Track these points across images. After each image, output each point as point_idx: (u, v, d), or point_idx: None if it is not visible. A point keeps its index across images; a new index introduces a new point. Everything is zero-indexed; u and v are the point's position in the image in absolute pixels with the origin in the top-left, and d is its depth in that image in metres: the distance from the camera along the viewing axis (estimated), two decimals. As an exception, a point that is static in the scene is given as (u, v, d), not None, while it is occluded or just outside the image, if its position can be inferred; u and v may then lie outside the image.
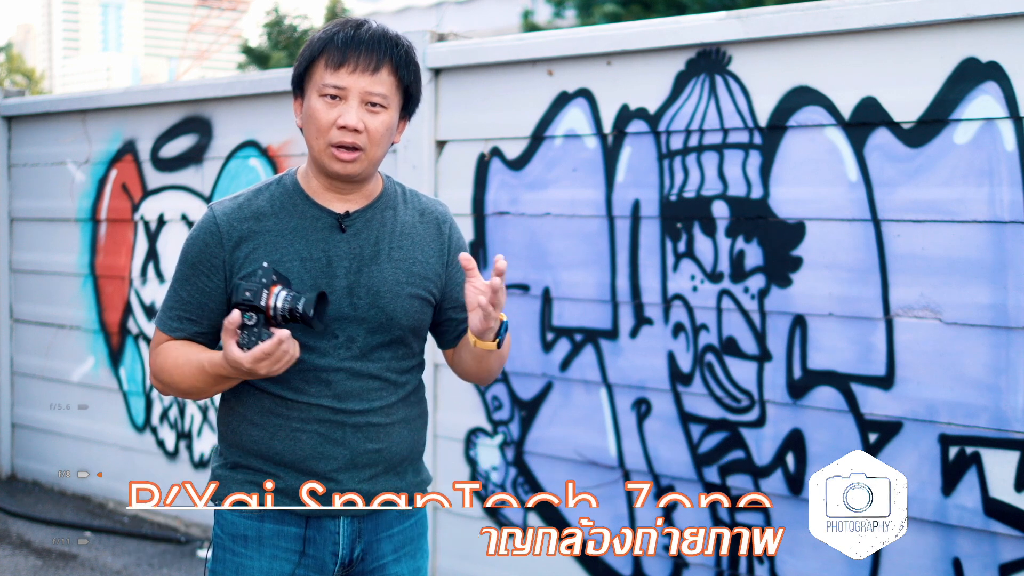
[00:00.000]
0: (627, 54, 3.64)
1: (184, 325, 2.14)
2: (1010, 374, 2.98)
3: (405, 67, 2.10)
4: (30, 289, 5.93)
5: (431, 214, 2.23)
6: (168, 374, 2.14)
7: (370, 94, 2.06)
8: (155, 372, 2.18)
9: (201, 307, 2.13)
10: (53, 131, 5.77)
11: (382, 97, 2.07)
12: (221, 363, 2.03)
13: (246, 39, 22.04)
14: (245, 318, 1.96)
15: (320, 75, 2.07)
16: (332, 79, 2.05)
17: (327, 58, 2.06)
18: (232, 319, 1.96)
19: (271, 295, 1.96)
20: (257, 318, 1.97)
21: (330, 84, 2.05)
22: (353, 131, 2.05)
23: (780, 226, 3.34)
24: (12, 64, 36.19)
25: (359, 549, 2.17)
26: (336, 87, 2.05)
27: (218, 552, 2.17)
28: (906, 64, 3.11)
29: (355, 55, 2.05)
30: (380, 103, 2.07)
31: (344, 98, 2.06)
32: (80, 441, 5.68)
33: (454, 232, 2.25)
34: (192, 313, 2.13)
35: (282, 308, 1.96)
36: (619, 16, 12.51)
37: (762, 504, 3.40)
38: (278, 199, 2.14)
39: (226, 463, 2.18)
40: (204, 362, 2.08)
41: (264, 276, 1.98)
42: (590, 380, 3.77)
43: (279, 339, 1.96)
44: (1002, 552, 3.03)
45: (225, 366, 2.02)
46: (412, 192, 2.26)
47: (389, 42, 2.08)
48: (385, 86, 2.07)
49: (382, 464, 2.15)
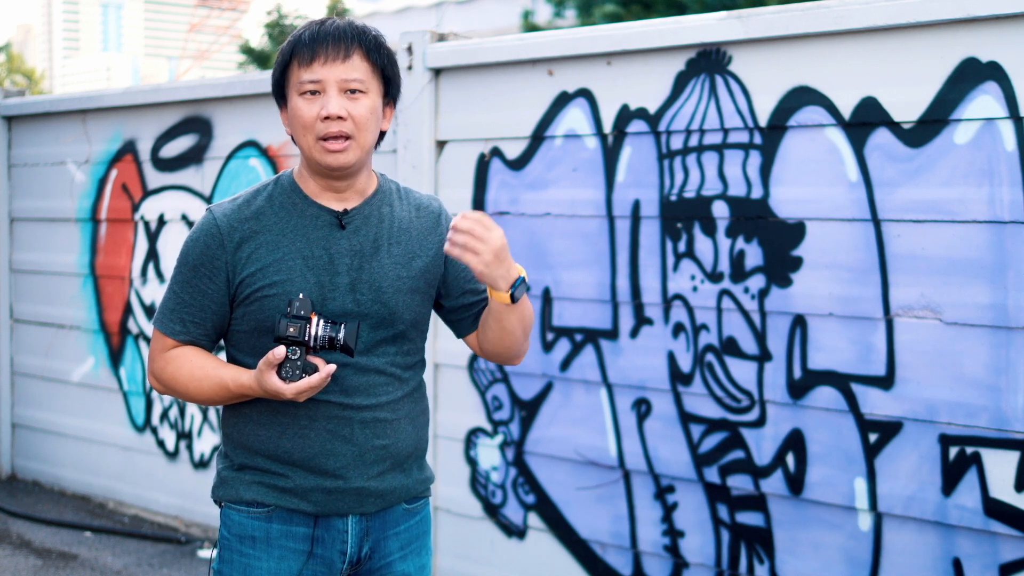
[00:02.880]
0: (627, 54, 3.64)
1: (187, 327, 2.15)
2: (1010, 374, 2.98)
3: (376, 51, 2.12)
4: (30, 289, 5.93)
5: (427, 208, 2.26)
6: (181, 384, 2.15)
7: (347, 81, 2.08)
8: (162, 379, 2.18)
9: (204, 309, 2.13)
10: (53, 131, 5.77)
11: (359, 82, 2.09)
12: (251, 385, 2.07)
13: (246, 39, 22.04)
14: (289, 352, 2.00)
15: (296, 75, 2.10)
16: (307, 75, 2.08)
17: (299, 58, 2.09)
18: (278, 355, 1.99)
19: (311, 326, 2.00)
20: (300, 351, 2.00)
21: (306, 80, 2.08)
22: (338, 119, 2.07)
23: (780, 226, 3.34)
24: (12, 64, 36.20)
25: (367, 547, 2.18)
26: (312, 81, 2.08)
27: (225, 553, 2.17)
28: (906, 64, 3.11)
29: (323, 47, 2.07)
30: (359, 88, 2.09)
31: (323, 91, 2.08)
32: (80, 441, 5.68)
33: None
34: (195, 316, 2.14)
35: (321, 338, 2.00)
36: (619, 16, 12.51)
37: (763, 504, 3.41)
38: (277, 199, 2.15)
39: (232, 464, 2.18)
40: (227, 380, 2.10)
41: (303, 308, 2.01)
42: (590, 380, 3.77)
43: (328, 374, 2.01)
44: (1002, 552, 3.03)
45: (256, 389, 2.06)
46: (406, 189, 2.28)
47: (355, 30, 2.11)
48: (360, 71, 2.09)
49: (389, 460, 2.16)
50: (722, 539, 3.51)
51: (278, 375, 2.01)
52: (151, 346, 2.22)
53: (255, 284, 2.09)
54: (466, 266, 2.20)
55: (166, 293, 2.19)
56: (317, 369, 2.01)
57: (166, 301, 2.18)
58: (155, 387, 2.22)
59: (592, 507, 3.79)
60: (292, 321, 2.00)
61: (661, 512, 3.64)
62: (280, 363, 2.00)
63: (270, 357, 2.00)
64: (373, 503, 2.16)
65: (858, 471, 3.23)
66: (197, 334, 2.15)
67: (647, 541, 3.67)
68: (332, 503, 2.13)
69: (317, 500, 2.12)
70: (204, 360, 2.15)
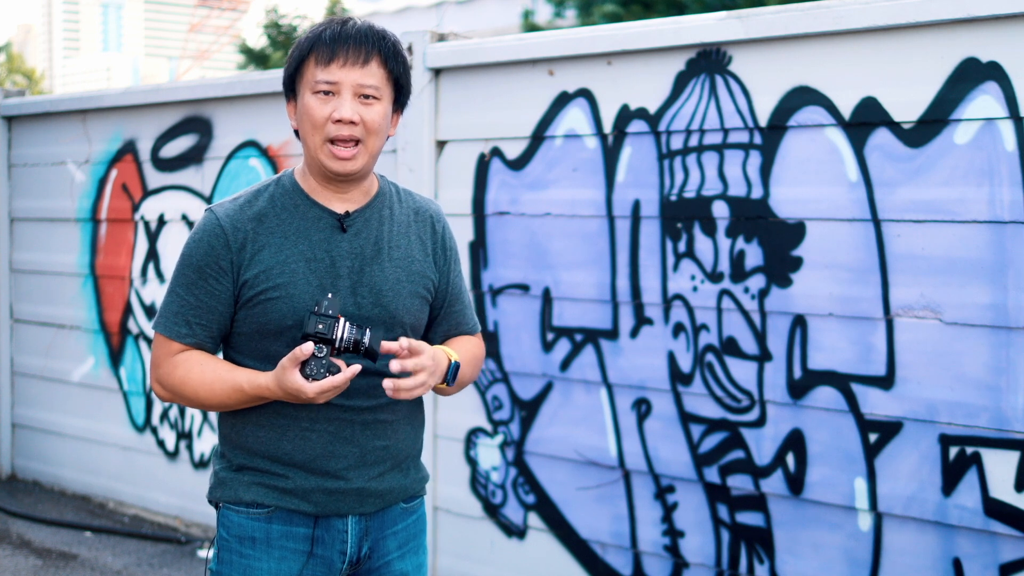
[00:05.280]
0: (627, 54, 3.64)
1: (193, 330, 2.12)
2: (1010, 374, 2.98)
3: (394, 59, 2.12)
4: (30, 289, 5.93)
5: (425, 213, 2.27)
6: (191, 389, 2.11)
7: (362, 86, 2.08)
8: (169, 384, 2.14)
9: (211, 311, 2.11)
10: (53, 131, 5.77)
11: (374, 88, 2.09)
12: (268, 386, 2.04)
13: (244, 39, 22.03)
14: (315, 349, 1.97)
15: (311, 73, 2.09)
16: (324, 75, 2.07)
17: (316, 56, 2.08)
18: (305, 350, 1.96)
19: (339, 326, 1.98)
20: (326, 350, 1.98)
21: (322, 80, 2.07)
22: (349, 123, 2.07)
23: (780, 226, 3.34)
24: (12, 64, 36.20)
25: (366, 547, 2.18)
26: (328, 82, 2.07)
27: (223, 554, 2.16)
28: (906, 64, 3.11)
29: (344, 49, 2.07)
30: (373, 94, 2.09)
31: (337, 92, 2.07)
32: (80, 441, 5.68)
33: (446, 231, 2.29)
34: (202, 317, 2.11)
35: (347, 340, 1.98)
36: (619, 16, 12.51)
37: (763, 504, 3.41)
38: (278, 201, 2.15)
39: (230, 465, 2.18)
40: (243, 383, 2.08)
41: (332, 308, 1.99)
42: (590, 380, 3.77)
43: (352, 374, 1.99)
44: (1002, 552, 3.03)
45: (274, 390, 2.03)
46: (406, 191, 2.28)
47: (376, 35, 2.11)
48: (376, 78, 2.09)
49: (389, 461, 2.17)
50: (722, 539, 3.51)
51: (301, 373, 1.98)
52: (154, 352, 2.18)
53: (258, 286, 2.09)
54: (456, 290, 2.27)
55: (167, 296, 2.15)
56: (340, 370, 1.99)
57: (168, 304, 2.14)
58: (160, 395, 2.18)
59: (592, 507, 3.79)
60: (321, 319, 1.98)
61: (661, 512, 3.64)
62: (305, 361, 1.97)
63: (296, 353, 1.96)
64: (373, 503, 2.16)
65: (858, 471, 3.23)
66: (203, 336, 2.12)
67: (647, 541, 3.67)
68: (333, 504, 2.13)
69: (318, 501, 2.12)
70: (215, 363, 2.12)
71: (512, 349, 3.94)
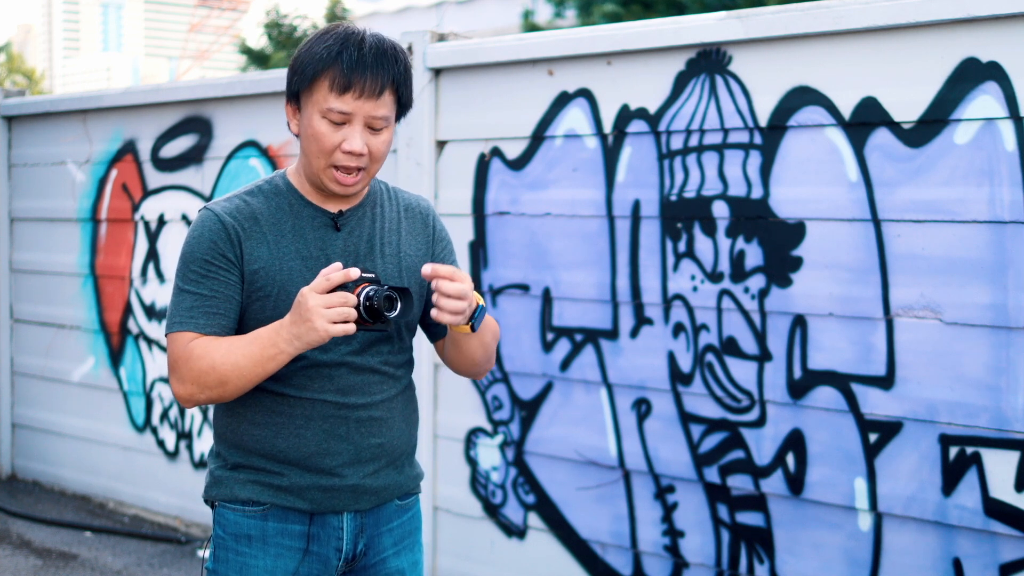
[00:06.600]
0: (627, 54, 3.64)
1: (212, 320, 2.06)
2: (1010, 374, 2.98)
3: (404, 83, 2.11)
4: (30, 289, 5.93)
5: (415, 209, 2.27)
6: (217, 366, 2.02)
7: (374, 119, 2.07)
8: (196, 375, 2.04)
9: (228, 300, 2.08)
10: (53, 131, 5.77)
11: (384, 119, 2.09)
12: (281, 321, 2.00)
13: (244, 39, 22.00)
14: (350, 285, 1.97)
15: (324, 97, 2.05)
16: (338, 104, 2.05)
17: (331, 81, 2.04)
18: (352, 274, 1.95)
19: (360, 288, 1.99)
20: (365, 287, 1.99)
21: (335, 109, 2.05)
22: (358, 155, 2.07)
23: (780, 226, 3.34)
24: (12, 64, 36.19)
25: (362, 544, 2.19)
26: (341, 112, 2.05)
27: (220, 552, 2.17)
28: (906, 64, 3.11)
29: (360, 80, 2.04)
30: (383, 125, 2.09)
31: (348, 122, 2.06)
32: (80, 441, 5.68)
33: (438, 225, 2.30)
34: (219, 307, 2.07)
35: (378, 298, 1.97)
36: (619, 16, 12.51)
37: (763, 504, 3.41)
38: (273, 200, 2.15)
39: (226, 464, 2.18)
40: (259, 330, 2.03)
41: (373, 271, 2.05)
42: (590, 380, 3.77)
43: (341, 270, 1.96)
44: (1002, 552, 3.03)
45: (284, 322, 1.98)
46: (395, 189, 2.29)
47: (389, 60, 2.07)
48: (387, 107, 2.08)
49: (384, 458, 2.18)
50: (722, 539, 3.51)
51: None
52: (170, 355, 2.10)
53: (256, 283, 2.09)
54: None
55: (175, 297, 2.10)
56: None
57: (179, 303, 2.09)
58: (184, 397, 2.08)
59: (592, 507, 3.79)
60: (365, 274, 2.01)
61: (661, 512, 3.64)
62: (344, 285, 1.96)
63: (333, 275, 1.94)
64: (368, 500, 2.17)
65: (858, 471, 3.23)
66: (223, 325, 2.08)
67: (647, 541, 3.67)
68: (328, 501, 2.13)
69: (313, 498, 2.13)
70: (230, 338, 2.06)
71: (512, 349, 3.94)
